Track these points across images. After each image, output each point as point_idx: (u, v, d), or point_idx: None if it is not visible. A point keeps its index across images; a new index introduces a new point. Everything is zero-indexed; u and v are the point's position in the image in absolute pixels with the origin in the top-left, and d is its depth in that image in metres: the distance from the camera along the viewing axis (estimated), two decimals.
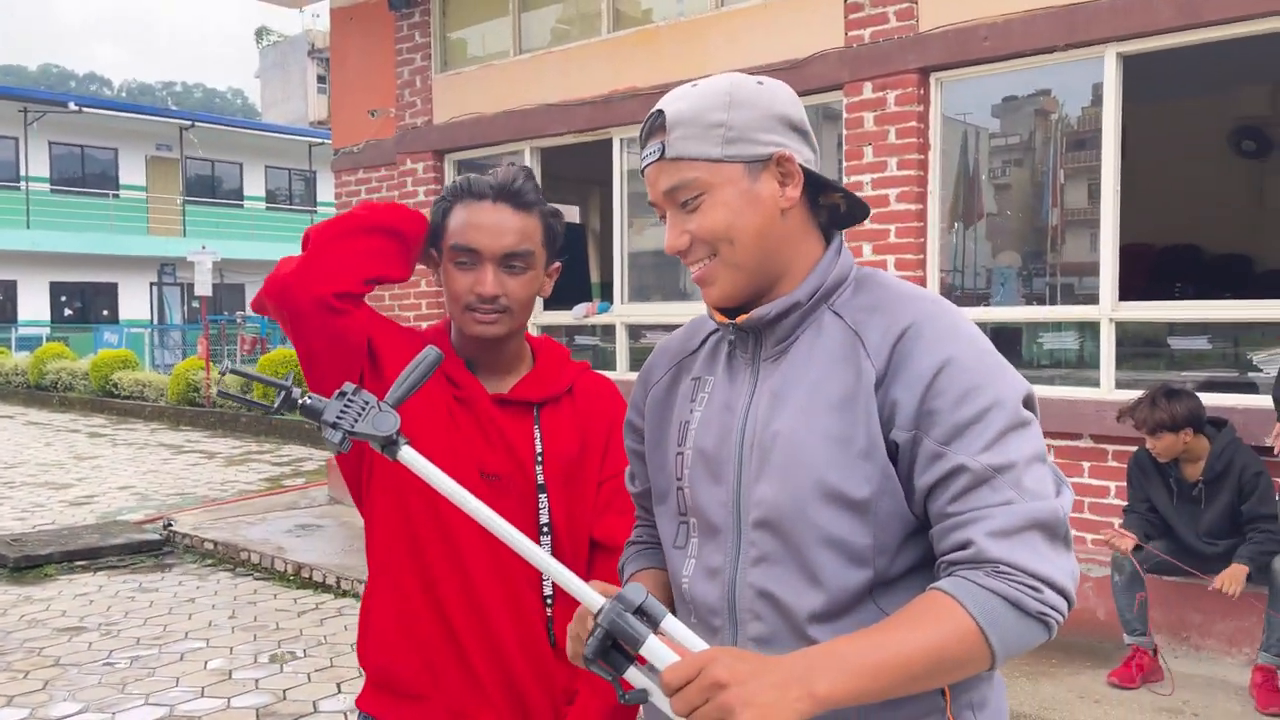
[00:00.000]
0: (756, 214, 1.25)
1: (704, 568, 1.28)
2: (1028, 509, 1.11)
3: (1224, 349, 5.46)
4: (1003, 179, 8.73)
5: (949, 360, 1.15)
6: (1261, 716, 3.83)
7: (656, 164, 1.26)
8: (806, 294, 1.26)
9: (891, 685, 1.09)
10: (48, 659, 4.98)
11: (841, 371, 1.22)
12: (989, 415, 1.13)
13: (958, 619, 1.08)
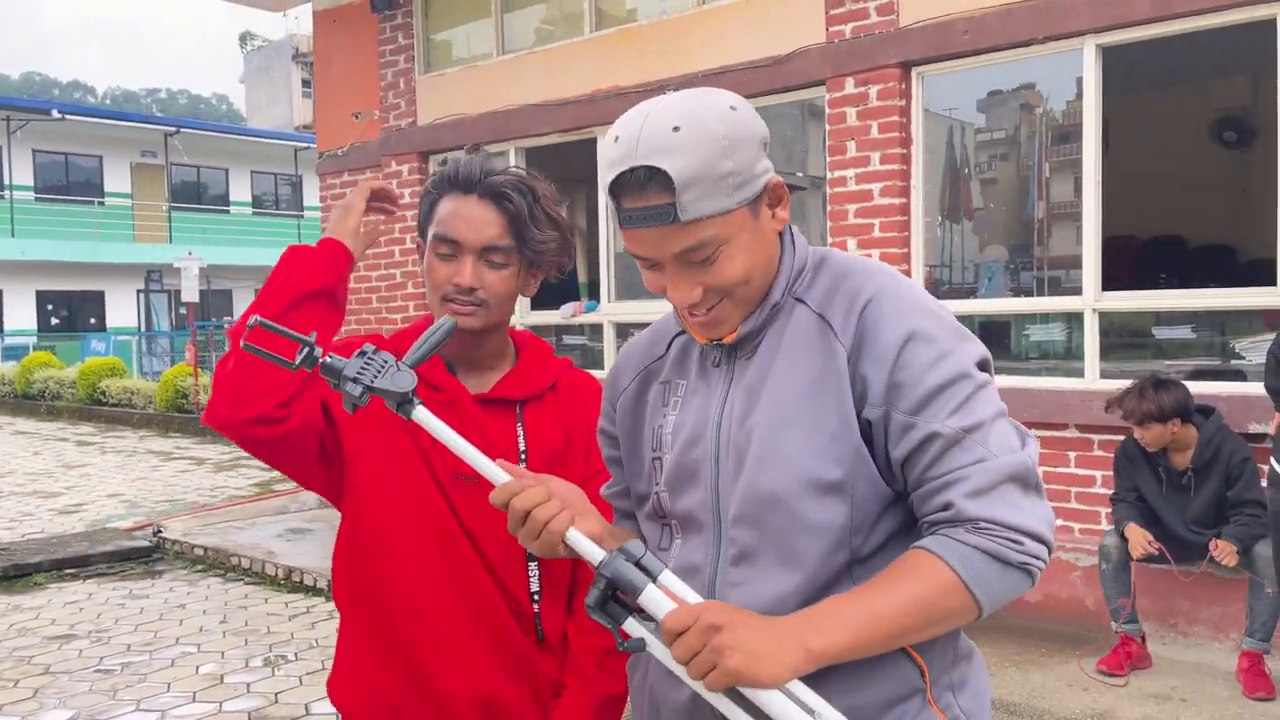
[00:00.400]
0: (764, 248, 1.25)
1: (685, 565, 1.29)
2: (1000, 464, 1.14)
3: (1209, 338, 5.49)
4: (989, 173, 8.76)
5: (912, 334, 1.18)
6: (1248, 701, 3.86)
7: (665, 228, 1.18)
8: (780, 293, 1.27)
9: (883, 639, 1.12)
10: (38, 667, 4.97)
11: (810, 356, 1.23)
12: (955, 383, 1.16)
13: (942, 575, 1.11)
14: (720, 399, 1.29)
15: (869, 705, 1.20)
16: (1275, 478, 3.73)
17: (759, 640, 1.08)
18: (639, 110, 1.21)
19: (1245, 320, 5.25)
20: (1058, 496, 4.92)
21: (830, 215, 5.47)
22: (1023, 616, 4.91)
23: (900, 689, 1.22)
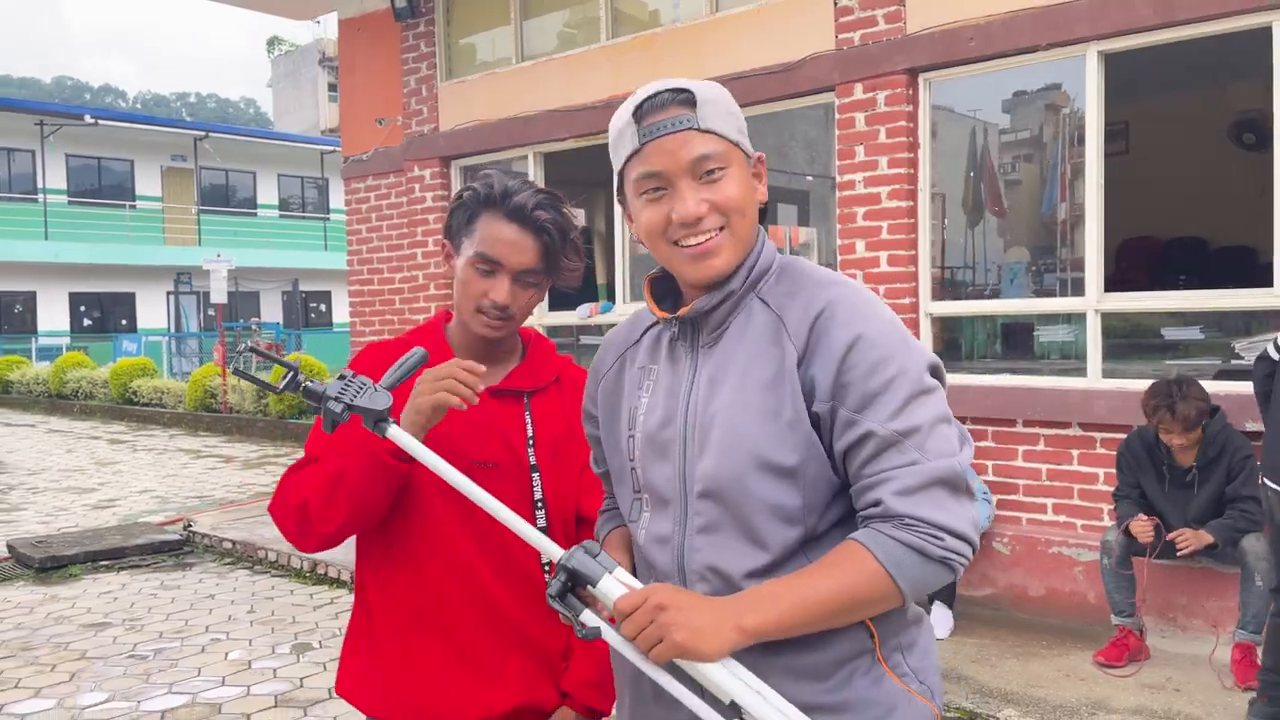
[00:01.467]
0: (752, 199, 1.40)
1: (655, 536, 1.43)
2: (930, 469, 1.26)
3: (1214, 338, 5.56)
4: (1013, 174, 8.80)
5: (859, 338, 1.29)
6: (1240, 691, 3.96)
7: (686, 132, 1.33)
8: (739, 283, 1.39)
9: (810, 621, 1.25)
10: (74, 652, 5.18)
11: (769, 352, 1.36)
12: (895, 385, 1.27)
13: (869, 565, 1.24)
14: (688, 385, 1.41)
15: (824, 663, 1.33)
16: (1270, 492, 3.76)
17: (699, 618, 1.22)
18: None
19: (1254, 320, 5.33)
20: (1061, 494, 5.03)
21: (839, 218, 5.60)
22: (1025, 610, 5.02)
23: (852, 649, 1.35)
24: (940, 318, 5.51)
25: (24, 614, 5.91)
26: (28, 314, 26.72)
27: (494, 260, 1.76)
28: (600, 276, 7.69)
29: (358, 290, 8.64)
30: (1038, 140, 6.73)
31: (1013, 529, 5.13)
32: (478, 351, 1.86)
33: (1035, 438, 5.10)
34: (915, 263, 5.39)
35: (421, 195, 7.83)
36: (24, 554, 7.04)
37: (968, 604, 5.10)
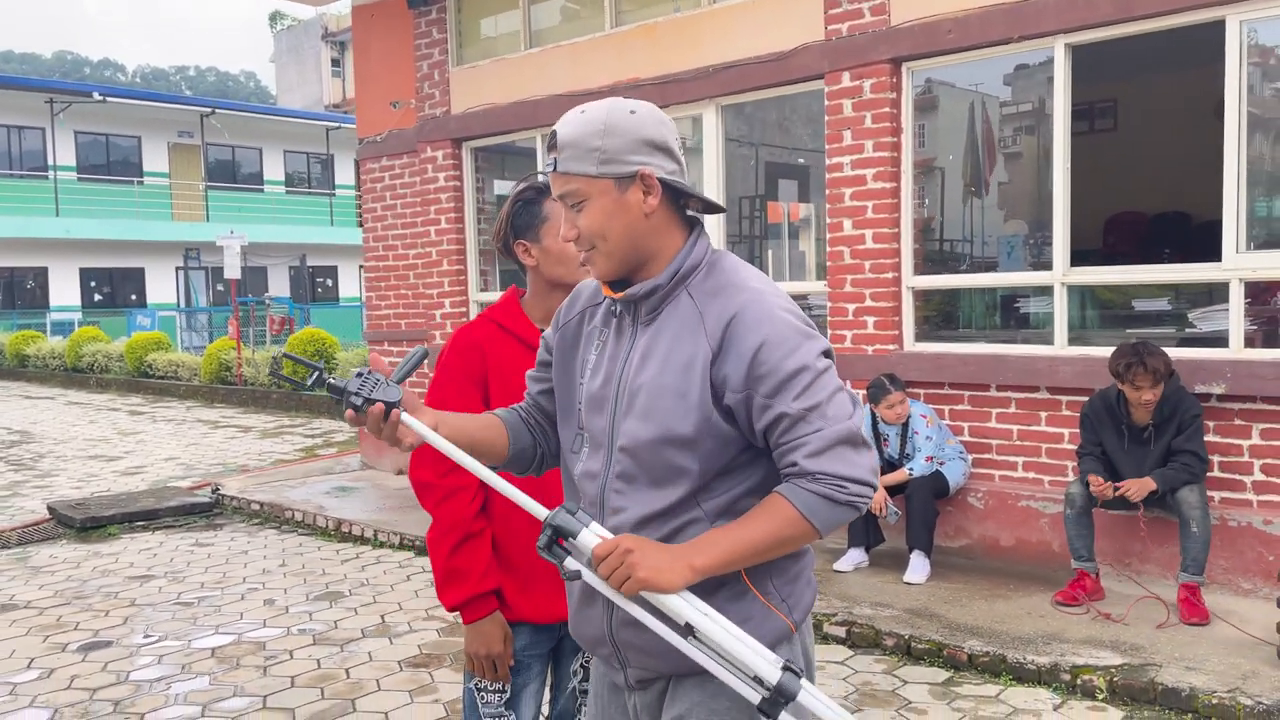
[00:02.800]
0: (624, 218, 1.63)
1: (587, 472, 1.74)
2: (832, 433, 1.59)
3: (1182, 308, 5.93)
4: (1012, 147, 9.03)
5: (764, 342, 1.58)
6: (1184, 626, 4.40)
7: (553, 174, 1.66)
8: (666, 278, 1.65)
9: (747, 557, 1.59)
10: (124, 600, 5.65)
11: (689, 341, 1.63)
12: (798, 374, 1.59)
13: (789, 513, 1.58)
14: (625, 354, 1.70)
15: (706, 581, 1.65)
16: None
17: (658, 559, 1.55)
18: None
19: (1216, 291, 5.72)
20: (1030, 452, 5.47)
21: (828, 198, 5.99)
22: (996, 559, 5.47)
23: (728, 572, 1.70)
24: (921, 290, 5.91)
25: (72, 568, 6.38)
26: (40, 290, 27.14)
27: None
28: None
29: (373, 266, 9.06)
30: (1040, 112, 6.85)
31: (986, 485, 5.57)
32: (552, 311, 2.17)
33: (1007, 401, 5.53)
34: (898, 240, 5.79)
35: (434, 175, 8.22)
36: (65, 515, 7.50)
37: (944, 554, 5.55)
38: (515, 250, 2.27)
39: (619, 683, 1.81)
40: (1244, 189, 4.80)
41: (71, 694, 4.30)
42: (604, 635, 1.75)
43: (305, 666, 4.56)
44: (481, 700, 2.31)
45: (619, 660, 1.76)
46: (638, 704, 1.80)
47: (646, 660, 1.71)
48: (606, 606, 1.70)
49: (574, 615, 1.83)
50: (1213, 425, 4.85)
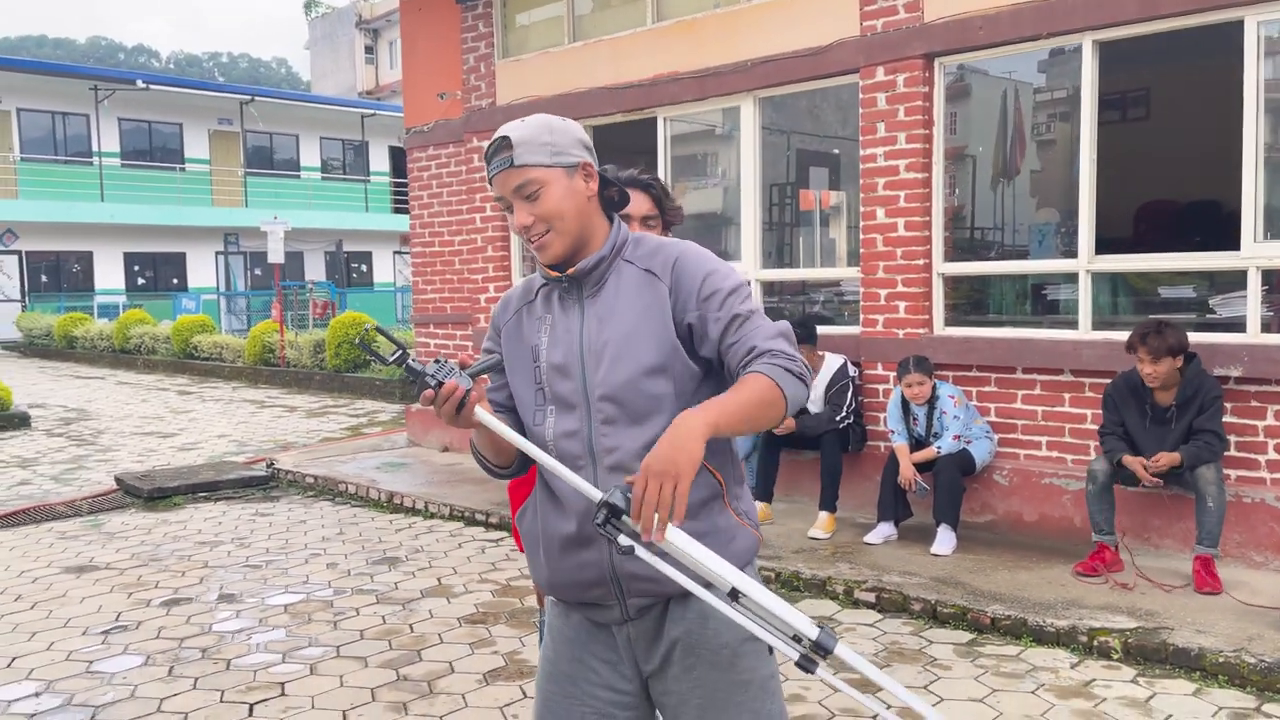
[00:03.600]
0: (575, 200, 1.90)
1: (563, 432, 1.92)
2: (774, 326, 1.90)
3: (1204, 294, 6.14)
4: (1046, 135, 9.14)
5: (709, 271, 1.91)
6: (1197, 595, 4.66)
7: (506, 170, 1.87)
8: (608, 249, 1.95)
9: (743, 416, 1.75)
10: (197, 562, 6.04)
11: (642, 293, 1.92)
12: (738, 290, 1.90)
13: (765, 382, 1.81)
14: (579, 325, 1.94)
15: (694, 504, 1.91)
16: None
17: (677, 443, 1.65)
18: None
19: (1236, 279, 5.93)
20: (1054, 432, 5.72)
21: (863, 187, 6.26)
22: (1020, 534, 5.73)
23: (709, 493, 1.96)
24: (951, 277, 6.17)
25: (144, 534, 6.78)
26: (84, 273, 27.82)
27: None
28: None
29: (420, 251, 9.41)
30: (1074, 99, 6.94)
31: (1011, 463, 5.83)
32: None
33: (1033, 383, 5.79)
34: (929, 228, 6.05)
35: (480, 165, 8.54)
36: (132, 486, 7.93)
37: (970, 528, 5.82)
38: None
39: (609, 619, 1.97)
40: (1262, 181, 5.02)
41: (160, 643, 4.68)
42: (603, 576, 1.91)
43: (371, 622, 4.91)
44: None
45: (617, 595, 1.92)
46: (631, 634, 1.96)
47: (649, 586, 1.91)
48: (609, 544, 1.81)
49: (556, 565, 1.98)
50: (1230, 406, 5.08)
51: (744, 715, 1.92)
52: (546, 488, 2.00)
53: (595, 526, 1.68)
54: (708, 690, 1.92)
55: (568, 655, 2.02)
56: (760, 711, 1.93)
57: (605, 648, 1.99)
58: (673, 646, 1.93)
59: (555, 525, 1.96)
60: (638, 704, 2.00)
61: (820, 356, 6.18)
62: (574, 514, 1.92)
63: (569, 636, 2.02)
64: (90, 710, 3.93)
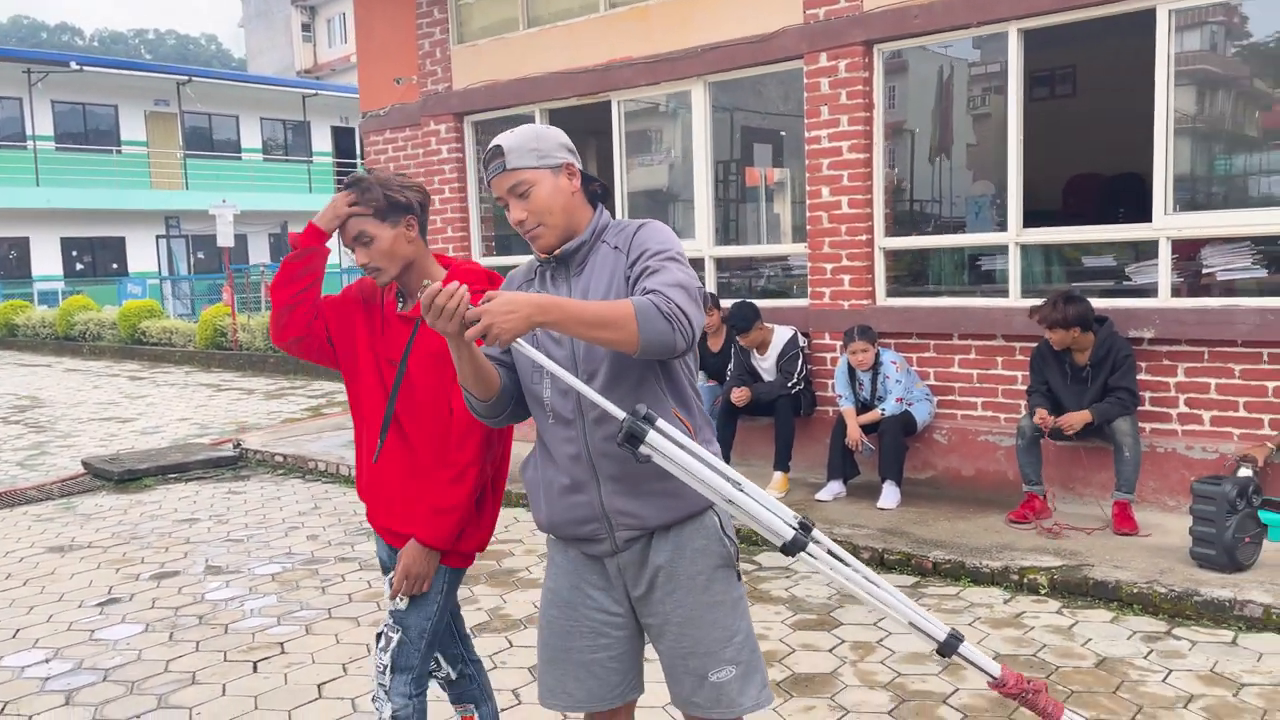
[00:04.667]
0: (561, 197, 2.20)
1: (558, 390, 2.21)
2: (675, 276, 2.14)
3: (1124, 262, 6.61)
4: (982, 108, 9.52)
5: (650, 234, 2.21)
6: (1115, 536, 5.14)
7: (501, 174, 2.18)
8: (589, 234, 2.25)
9: (576, 320, 1.98)
10: (178, 539, 6.26)
11: (613, 267, 2.22)
12: (664, 249, 2.16)
13: (623, 307, 2.01)
14: (566, 296, 2.21)
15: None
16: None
17: (501, 299, 1.93)
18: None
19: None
20: (988, 393, 6.17)
21: (808, 168, 6.62)
22: (958, 488, 6.19)
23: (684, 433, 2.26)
24: (891, 251, 6.58)
25: (120, 514, 6.97)
26: (21, 260, 27.29)
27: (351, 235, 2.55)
28: None
29: None
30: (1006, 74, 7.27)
31: (950, 423, 6.28)
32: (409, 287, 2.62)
33: (968, 348, 6.23)
34: (871, 205, 6.44)
35: (437, 148, 8.76)
36: (101, 469, 8.07)
37: (913, 484, 6.26)
38: None
39: (601, 551, 2.27)
40: (1171, 158, 5.48)
41: (156, 612, 4.92)
42: (597, 512, 2.22)
43: (357, 586, 5.20)
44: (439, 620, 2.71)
45: (608, 529, 2.23)
46: (621, 563, 2.26)
47: (634, 520, 2.24)
48: (598, 487, 2.22)
49: (555, 507, 2.28)
50: (1144, 365, 5.56)
51: (716, 631, 2.26)
52: (544, 446, 2.33)
53: (619, 443, 1.98)
54: (686, 610, 2.26)
55: (567, 585, 2.35)
56: (730, 627, 2.28)
57: (599, 577, 2.32)
58: (656, 573, 2.26)
59: (552, 476, 2.29)
60: (626, 624, 2.34)
61: (770, 330, 6.56)
62: (566, 467, 2.25)
63: (567, 569, 2.35)
64: (101, 672, 4.18)
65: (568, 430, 2.24)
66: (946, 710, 3.55)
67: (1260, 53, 6.14)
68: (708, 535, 2.27)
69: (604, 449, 2.20)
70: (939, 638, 2.15)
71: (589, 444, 2.21)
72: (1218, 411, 5.44)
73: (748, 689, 2.28)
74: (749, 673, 2.29)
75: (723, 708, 2.27)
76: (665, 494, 2.21)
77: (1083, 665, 3.86)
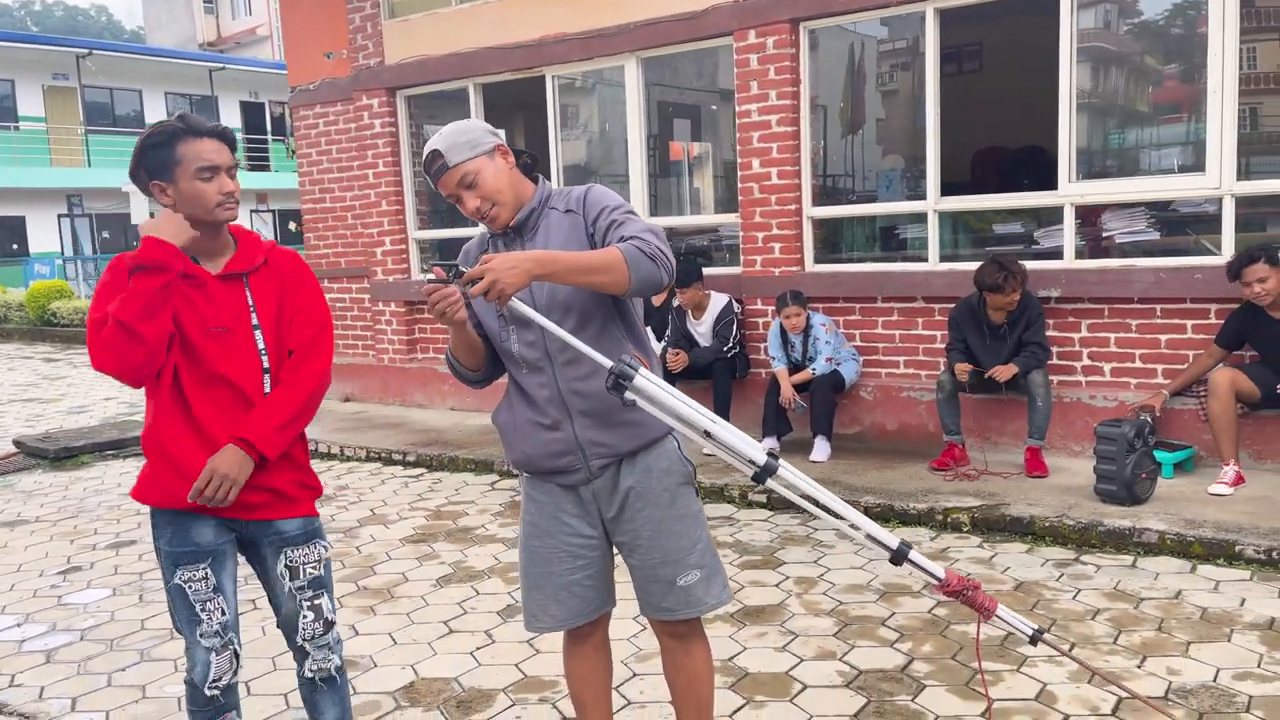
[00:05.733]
0: (503, 176, 2.42)
1: (525, 341, 2.47)
2: (643, 226, 2.42)
3: (1030, 229, 7.09)
4: (889, 84, 9.93)
5: (600, 195, 2.48)
6: (1028, 479, 5.60)
7: (446, 173, 2.38)
8: (537, 202, 2.49)
9: (573, 268, 2.25)
10: (129, 510, 6.31)
11: (567, 228, 2.46)
12: (621, 205, 2.44)
13: (611, 252, 2.28)
14: None
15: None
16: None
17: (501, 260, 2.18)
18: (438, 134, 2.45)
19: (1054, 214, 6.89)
20: (909, 352, 6.60)
21: (739, 140, 6.93)
22: (884, 441, 6.61)
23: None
24: (820, 220, 6.94)
25: (62, 490, 6.97)
26: None
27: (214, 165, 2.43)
28: None
29: (310, 209, 9.63)
30: (914, 50, 7.63)
31: (875, 381, 6.69)
32: (204, 243, 2.48)
33: (891, 310, 6.64)
34: (799, 176, 6.78)
35: (370, 122, 8.83)
36: (35, 447, 8.00)
37: (842, 439, 6.66)
38: (153, 191, 2.46)
39: (576, 480, 2.52)
40: (1074, 130, 5.93)
41: (120, 578, 5.03)
42: (571, 445, 2.48)
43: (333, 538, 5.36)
44: (191, 590, 2.50)
45: (583, 459, 2.48)
46: (595, 490, 2.52)
47: (605, 450, 2.52)
48: (573, 422, 2.49)
49: (532, 444, 2.52)
50: (1052, 323, 6.03)
51: (683, 540, 2.56)
52: (520, 391, 2.58)
53: (608, 389, 2.22)
54: (655, 524, 2.55)
55: (545, 515, 2.62)
56: (694, 536, 2.58)
57: (574, 504, 2.60)
58: (627, 494, 2.54)
59: (529, 415, 2.54)
60: (599, 545, 2.63)
61: (707, 295, 6.87)
62: (542, 408, 2.52)
63: (544, 501, 2.62)
64: (77, 633, 4.30)
65: (539, 376, 2.51)
66: (885, 630, 3.93)
67: (1150, 31, 6.63)
68: (670, 457, 2.56)
69: (574, 388, 2.48)
70: (893, 546, 2.47)
71: (559, 385, 2.49)
72: (1117, 363, 5.94)
73: (711, 588, 2.60)
74: (712, 574, 2.60)
75: (691, 607, 2.58)
76: (631, 424, 2.50)
77: (1003, 589, 4.27)
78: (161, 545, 2.52)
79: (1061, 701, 3.27)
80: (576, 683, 2.78)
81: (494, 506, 5.97)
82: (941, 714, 3.24)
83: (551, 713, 3.39)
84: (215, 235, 2.51)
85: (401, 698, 3.55)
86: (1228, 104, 5.46)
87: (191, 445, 2.46)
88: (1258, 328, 5.30)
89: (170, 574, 2.51)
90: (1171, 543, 4.59)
